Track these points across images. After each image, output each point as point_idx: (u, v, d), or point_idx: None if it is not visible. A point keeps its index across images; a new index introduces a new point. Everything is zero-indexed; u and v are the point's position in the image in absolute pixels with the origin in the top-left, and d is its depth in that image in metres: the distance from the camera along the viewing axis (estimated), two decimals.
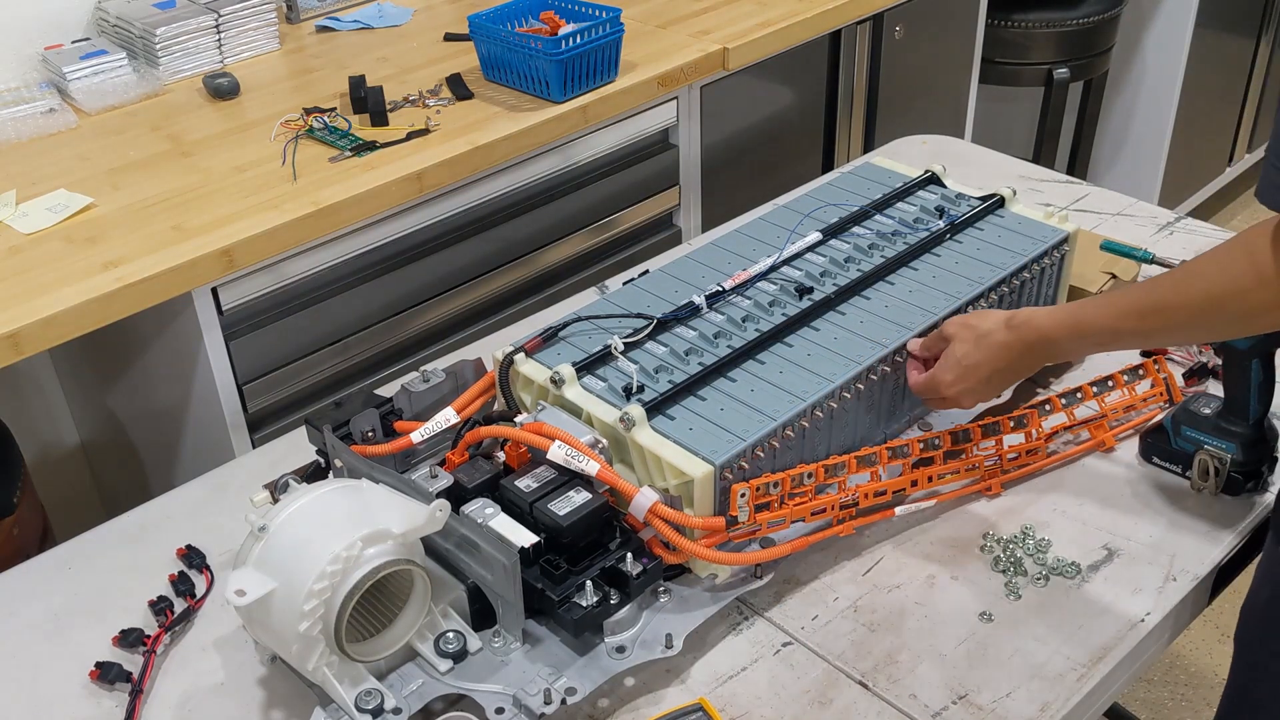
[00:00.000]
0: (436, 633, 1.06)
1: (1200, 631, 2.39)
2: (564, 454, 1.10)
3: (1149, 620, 1.14)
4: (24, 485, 1.76)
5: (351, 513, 1.01)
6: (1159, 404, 1.37)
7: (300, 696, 1.07)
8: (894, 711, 1.06)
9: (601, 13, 2.00)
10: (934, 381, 1.23)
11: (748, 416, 1.15)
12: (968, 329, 1.22)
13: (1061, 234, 1.42)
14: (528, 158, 1.96)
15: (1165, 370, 1.37)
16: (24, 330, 1.48)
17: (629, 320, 1.28)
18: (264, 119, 1.94)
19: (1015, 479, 1.30)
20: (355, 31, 2.28)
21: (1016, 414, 1.29)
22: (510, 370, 1.23)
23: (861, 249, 1.39)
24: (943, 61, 2.71)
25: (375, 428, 1.22)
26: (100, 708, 1.09)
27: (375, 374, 1.92)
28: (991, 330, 1.20)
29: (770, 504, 1.13)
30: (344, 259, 1.80)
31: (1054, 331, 1.16)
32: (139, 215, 1.69)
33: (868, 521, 1.23)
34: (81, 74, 1.99)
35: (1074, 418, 1.33)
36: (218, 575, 1.22)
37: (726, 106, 2.25)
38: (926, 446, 1.23)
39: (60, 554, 1.28)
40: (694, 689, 1.09)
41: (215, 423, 1.77)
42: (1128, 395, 1.36)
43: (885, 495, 1.22)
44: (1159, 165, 3.33)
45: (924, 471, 1.24)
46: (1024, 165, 1.94)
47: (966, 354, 1.21)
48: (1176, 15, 3.14)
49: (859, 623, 1.15)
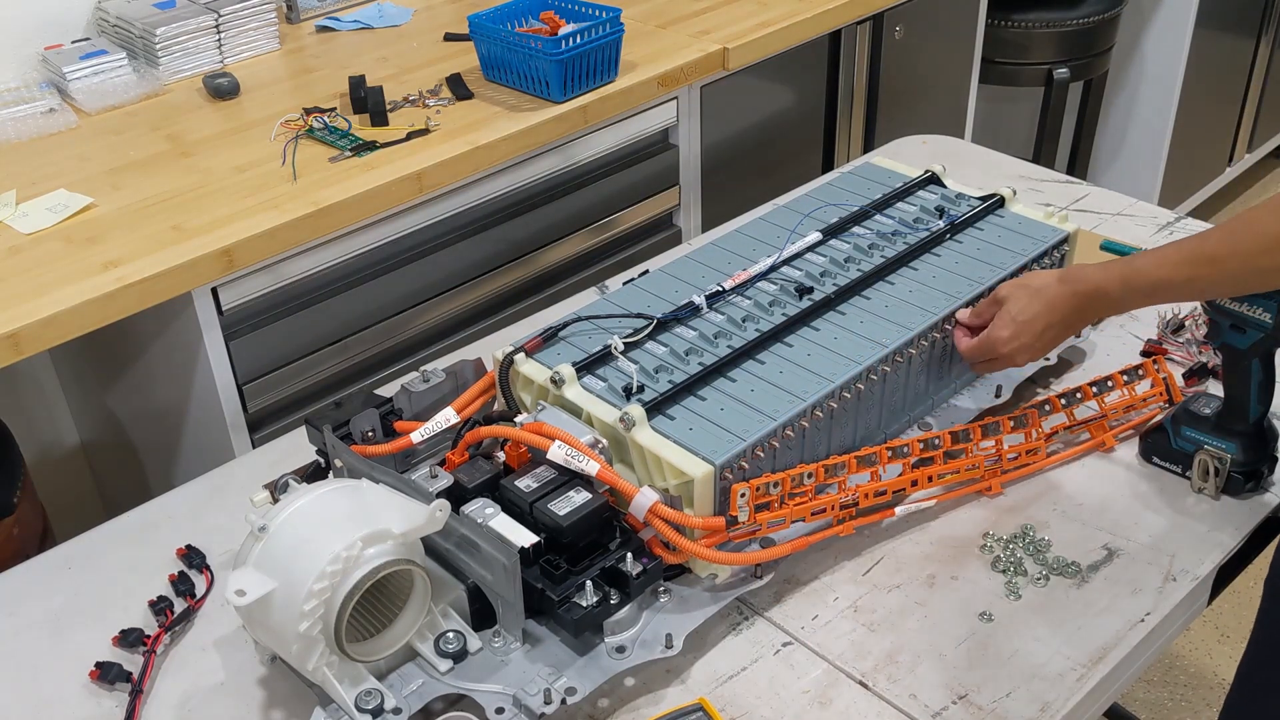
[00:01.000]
0: (436, 633, 1.06)
1: (1200, 631, 2.39)
2: (564, 454, 1.10)
3: (1149, 620, 1.14)
4: (24, 485, 1.76)
5: (351, 513, 1.01)
6: (1159, 404, 1.37)
7: (300, 696, 1.07)
8: (894, 711, 1.06)
9: (601, 13, 2.00)
10: (989, 340, 1.27)
11: (748, 416, 1.15)
12: (1021, 288, 1.26)
13: (1061, 234, 1.42)
14: (528, 158, 1.96)
15: (1165, 370, 1.37)
16: (24, 330, 1.48)
17: (629, 320, 1.28)
18: (264, 119, 1.94)
19: (1015, 479, 1.30)
20: (355, 31, 2.28)
21: (1016, 414, 1.29)
22: (510, 370, 1.23)
23: (861, 249, 1.39)
24: (943, 61, 2.71)
25: (375, 428, 1.22)
26: (100, 708, 1.09)
27: (375, 374, 1.92)
28: (1046, 285, 1.25)
29: (770, 504, 1.13)
30: (344, 259, 1.80)
31: (1107, 284, 1.20)
32: (139, 215, 1.69)
33: (868, 521, 1.23)
34: (81, 74, 1.99)
35: (1074, 418, 1.33)
36: (218, 575, 1.22)
37: (726, 106, 2.25)
38: (926, 446, 1.23)
39: (60, 554, 1.28)
40: (694, 689, 1.09)
41: (215, 423, 1.77)
42: (1128, 395, 1.36)
43: (885, 495, 1.22)
44: (1159, 165, 3.33)
45: (924, 471, 1.24)
46: (1024, 165, 1.94)
47: (1022, 309, 1.25)
48: (1176, 15, 3.14)
49: (859, 623, 1.15)
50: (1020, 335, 1.25)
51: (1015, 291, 1.27)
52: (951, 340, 1.32)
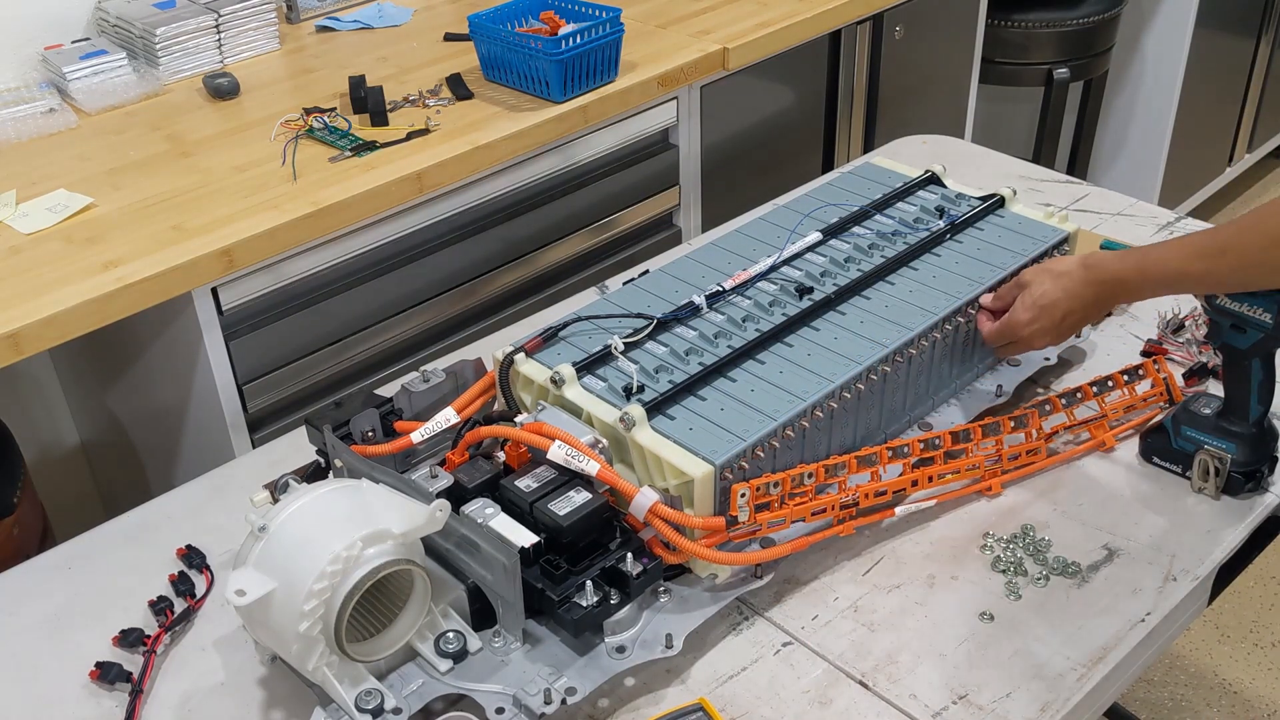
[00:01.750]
0: (436, 633, 1.06)
1: (1200, 631, 2.39)
2: (564, 454, 1.10)
3: (1149, 620, 1.14)
4: (24, 485, 1.76)
5: (351, 513, 1.01)
6: (1159, 404, 1.37)
7: (300, 696, 1.07)
8: (894, 711, 1.06)
9: (601, 13, 2.00)
10: (1011, 322, 1.30)
11: (748, 416, 1.15)
12: (1044, 272, 1.30)
13: (1061, 234, 1.42)
14: (528, 158, 1.96)
15: (1165, 370, 1.37)
16: (24, 330, 1.48)
17: (629, 320, 1.28)
18: (264, 119, 1.94)
19: (1015, 479, 1.30)
20: (355, 31, 2.28)
21: (1017, 414, 1.29)
22: (510, 370, 1.23)
23: (861, 249, 1.39)
24: (943, 61, 2.71)
25: (375, 428, 1.22)
26: (100, 708, 1.09)
27: (375, 374, 1.92)
28: (1069, 270, 1.28)
29: (770, 504, 1.13)
30: (344, 259, 1.80)
31: (1124, 273, 1.24)
32: (139, 215, 1.69)
33: (868, 521, 1.23)
34: (81, 74, 1.99)
35: (1074, 418, 1.33)
36: (218, 575, 1.22)
37: (726, 106, 2.25)
38: (927, 446, 1.23)
39: (60, 554, 1.28)
40: (694, 689, 1.09)
41: (215, 423, 1.77)
42: (1128, 395, 1.36)
43: (885, 495, 1.22)
44: (1159, 165, 3.33)
45: (924, 471, 1.24)
46: (1024, 165, 1.94)
47: (1044, 293, 1.28)
48: (1176, 15, 3.14)
49: (859, 623, 1.15)
50: (1040, 319, 1.28)
51: (1038, 275, 1.30)
52: (951, 340, 1.32)
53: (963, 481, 1.28)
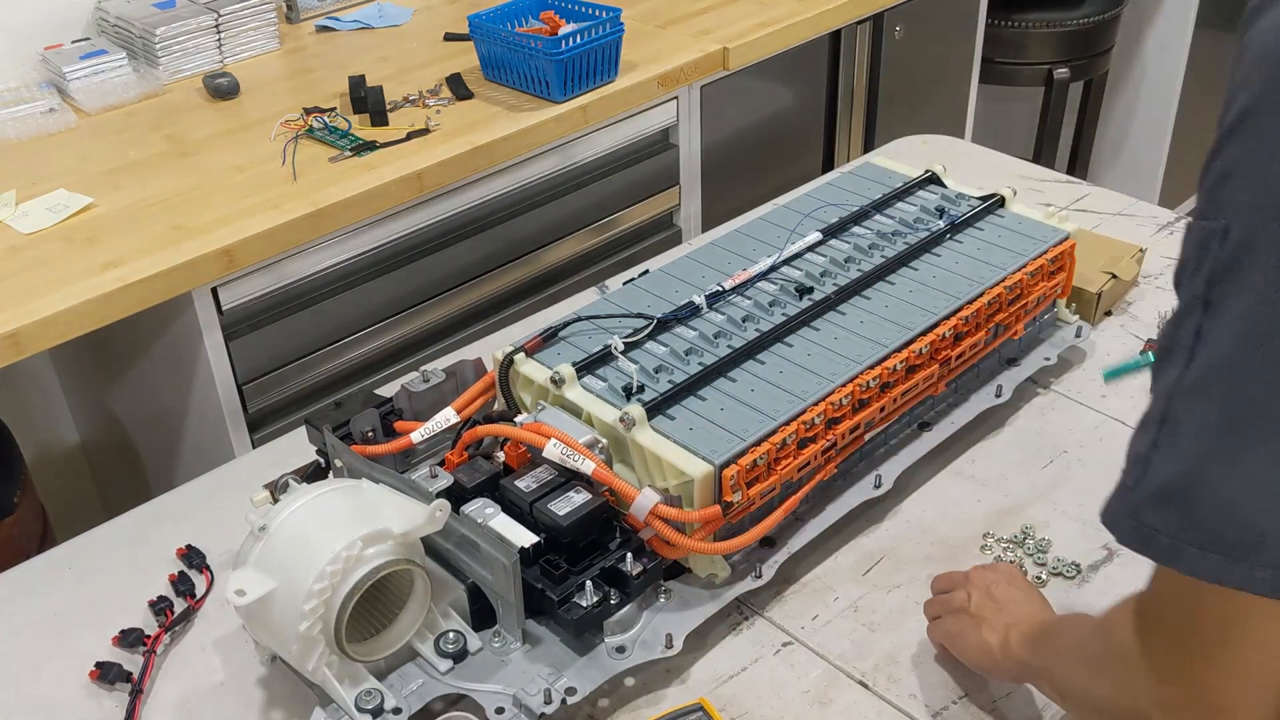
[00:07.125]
0: (436, 633, 1.06)
1: None
2: (559, 452, 1.10)
3: None
4: (24, 485, 1.76)
5: (351, 513, 1.01)
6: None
7: (300, 696, 1.07)
8: (894, 711, 1.06)
9: (601, 13, 2.00)
10: (935, 614, 1.10)
11: (748, 416, 1.15)
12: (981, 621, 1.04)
13: (1061, 234, 1.42)
14: (528, 158, 1.96)
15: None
16: (24, 330, 1.48)
17: (629, 320, 1.28)
18: (264, 119, 1.94)
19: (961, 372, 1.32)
20: (355, 31, 2.28)
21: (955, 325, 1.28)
22: (510, 370, 1.23)
23: (861, 249, 1.39)
24: (943, 61, 2.71)
25: (375, 428, 1.21)
26: (100, 708, 1.09)
27: (375, 374, 1.92)
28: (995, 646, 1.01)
29: (759, 476, 1.12)
30: (344, 259, 1.80)
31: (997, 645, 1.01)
32: (139, 215, 1.69)
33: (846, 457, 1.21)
34: (81, 74, 1.99)
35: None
36: (218, 575, 1.22)
37: (726, 106, 2.25)
38: (880, 378, 1.20)
39: (60, 554, 1.28)
40: (694, 689, 1.09)
41: (215, 423, 1.77)
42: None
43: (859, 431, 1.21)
44: (1159, 165, 3.33)
45: (888, 394, 1.22)
46: (1024, 165, 1.94)
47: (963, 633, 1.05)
48: (1176, 15, 3.15)
49: (859, 623, 1.15)
50: (951, 637, 1.07)
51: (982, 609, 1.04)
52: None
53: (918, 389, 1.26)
